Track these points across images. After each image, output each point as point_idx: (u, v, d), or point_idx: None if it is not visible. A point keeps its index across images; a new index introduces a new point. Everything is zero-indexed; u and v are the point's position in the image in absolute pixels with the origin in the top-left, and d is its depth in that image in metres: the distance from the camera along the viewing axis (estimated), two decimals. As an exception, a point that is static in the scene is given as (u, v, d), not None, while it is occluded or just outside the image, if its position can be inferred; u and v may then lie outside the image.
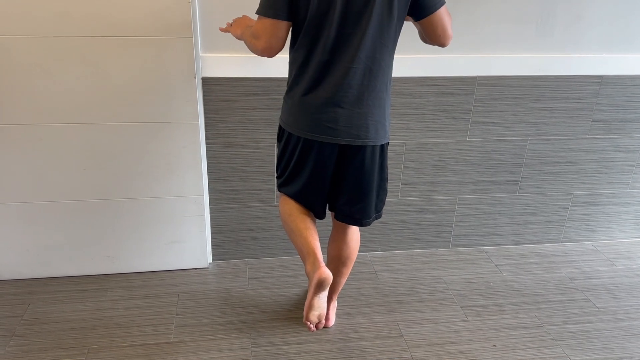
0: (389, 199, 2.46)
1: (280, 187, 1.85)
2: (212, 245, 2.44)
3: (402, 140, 2.36)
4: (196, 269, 2.41)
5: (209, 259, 2.45)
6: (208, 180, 2.30)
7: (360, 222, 1.82)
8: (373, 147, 1.68)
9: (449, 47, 2.20)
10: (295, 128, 1.67)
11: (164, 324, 2.06)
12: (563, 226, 2.68)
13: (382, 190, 1.81)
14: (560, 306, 2.24)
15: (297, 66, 1.64)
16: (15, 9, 1.88)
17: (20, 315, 2.09)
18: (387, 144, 1.75)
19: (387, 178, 1.82)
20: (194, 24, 2.02)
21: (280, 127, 1.76)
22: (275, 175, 1.88)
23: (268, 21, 1.56)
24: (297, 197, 1.80)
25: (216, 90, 2.15)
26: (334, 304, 2.11)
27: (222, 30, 1.87)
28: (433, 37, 1.66)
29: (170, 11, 1.96)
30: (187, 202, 2.27)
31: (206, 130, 2.21)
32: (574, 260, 2.58)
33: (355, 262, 2.46)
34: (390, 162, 2.38)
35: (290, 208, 1.81)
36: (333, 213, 1.87)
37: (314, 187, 1.75)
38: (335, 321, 2.09)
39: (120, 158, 2.15)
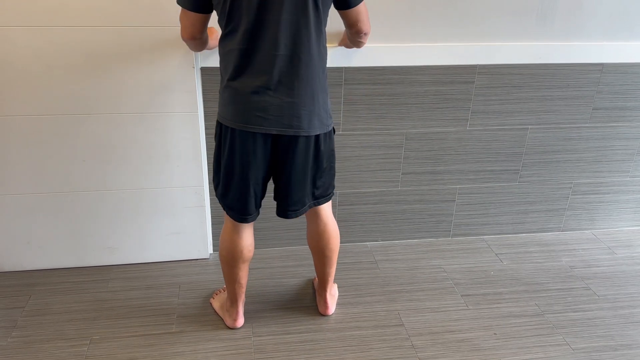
0: (389, 188, 2.46)
1: (216, 190, 1.80)
2: (212, 236, 2.44)
3: (402, 129, 2.36)
4: (197, 259, 2.41)
5: (210, 250, 2.45)
6: (208, 171, 2.30)
7: (293, 215, 1.81)
8: (307, 137, 1.66)
9: (450, 36, 2.20)
10: (228, 120, 1.64)
11: (165, 314, 2.06)
12: (563, 215, 2.68)
13: (319, 180, 1.78)
14: (561, 294, 2.25)
15: (223, 55, 1.63)
16: (14, 0, 1.87)
17: (22, 306, 2.09)
18: (326, 134, 1.71)
19: (331, 166, 1.80)
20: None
21: (217, 122, 1.72)
22: (214, 185, 1.82)
23: (182, 11, 1.63)
24: (236, 204, 1.76)
25: (215, 81, 2.14)
26: (333, 293, 2.12)
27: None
28: (355, 24, 1.71)
29: (168, 1, 1.94)
30: (188, 193, 2.27)
31: (205, 120, 2.21)
32: (574, 249, 2.59)
33: (356, 252, 2.48)
34: (390, 151, 2.38)
35: (230, 246, 1.84)
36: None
37: (249, 184, 1.71)
38: (335, 310, 2.10)
39: (120, 149, 2.15)
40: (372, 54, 2.17)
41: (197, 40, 1.70)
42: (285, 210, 1.81)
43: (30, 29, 1.92)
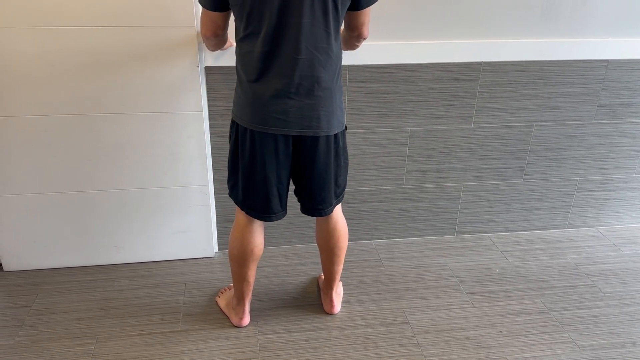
0: (394, 186, 2.46)
1: (232, 191, 1.80)
2: (217, 235, 2.45)
3: (406, 127, 2.35)
4: (202, 258, 2.42)
5: (215, 249, 2.46)
6: (213, 170, 2.30)
7: (322, 213, 1.82)
8: (327, 137, 1.67)
9: (454, 33, 2.20)
10: (246, 121, 1.64)
11: (171, 313, 2.07)
12: (568, 212, 2.67)
13: (339, 177, 1.80)
14: (566, 292, 2.24)
15: (241, 56, 1.63)
16: (16, 0, 1.87)
17: (29, 305, 2.10)
18: (343, 131, 1.73)
19: (347, 163, 1.82)
20: (197, 13, 2.01)
21: (232, 122, 1.72)
22: (228, 185, 1.83)
23: (204, 11, 1.65)
24: (259, 205, 1.75)
25: (219, 80, 2.15)
26: (338, 291, 2.12)
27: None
28: (359, 27, 1.70)
29: (172, 0, 1.95)
30: (193, 192, 2.27)
31: (210, 120, 2.21)
32: (580, 246, 2.58)
33: (361, 250, 2.48)
34: (394, 149, 2.38)
35: (240, 245, 1.84)
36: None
37: (271, 185, 1.72)
38: (341, 308, 2.10)
39: (125, 148, 2.16)
40: (376, 51, 2.17)
41: (218, 37, 1.72)
42: (312, 208, 1.82)
43: (35, 30, 1.92)
